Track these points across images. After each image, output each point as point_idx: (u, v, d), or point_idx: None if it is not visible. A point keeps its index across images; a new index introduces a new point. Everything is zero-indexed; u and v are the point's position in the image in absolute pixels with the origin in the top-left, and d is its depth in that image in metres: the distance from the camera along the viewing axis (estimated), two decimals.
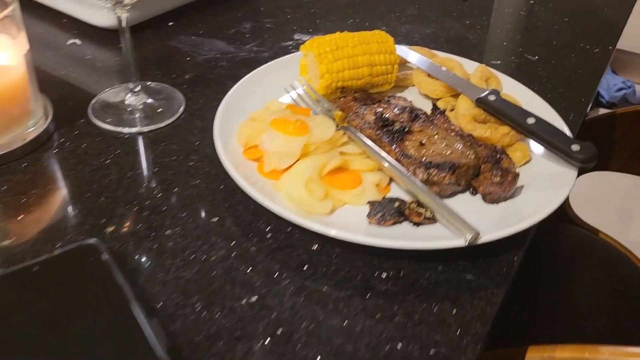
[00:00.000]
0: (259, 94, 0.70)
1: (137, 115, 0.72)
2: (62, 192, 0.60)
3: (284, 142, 0.58)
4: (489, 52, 0.94)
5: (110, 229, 0.55)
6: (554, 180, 0.60)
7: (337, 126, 0.62)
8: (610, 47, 0.96)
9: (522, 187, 0.60)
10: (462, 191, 0.60)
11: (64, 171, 0.63)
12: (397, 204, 0.55)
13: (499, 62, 0.90)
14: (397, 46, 0.73)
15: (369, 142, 0.61)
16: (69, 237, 0.54)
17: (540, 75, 0.87)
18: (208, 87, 0.78)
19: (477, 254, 0.54)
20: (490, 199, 0.58)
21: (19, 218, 0.56)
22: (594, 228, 1.04)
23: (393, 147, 0.60)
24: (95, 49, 0.87)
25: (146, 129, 0.70)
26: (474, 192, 0.59)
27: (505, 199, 0.58)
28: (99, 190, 0.60)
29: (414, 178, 0.57)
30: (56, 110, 0.69)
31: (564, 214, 1.04)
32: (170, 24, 0.95)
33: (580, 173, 0.60)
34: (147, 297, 0.47)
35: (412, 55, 0.77)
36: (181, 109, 0.74)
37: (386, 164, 0.58)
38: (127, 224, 0.56)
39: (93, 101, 0.74)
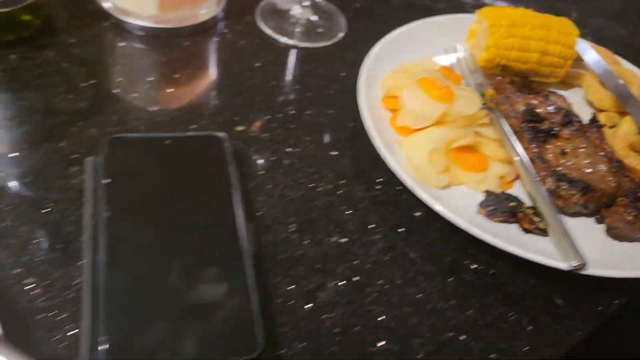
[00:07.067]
0: (417, 46, 0.69)
1: (298, 29, 0.74)
2: (209, 80, 0.65)
3: (424, 103, 0.57)
4: None
5: (239, 128, 0.58)
6: None
7: (482, 104, 0.60)
8: None
9: None
10: (587, 215, 0.56)
11: (217, 61, 0.67)
12: (512, 204, 0.53)
13: None
14: (578, 40, 0.68)
15: (508, 131, 0.58)
16: (203, 123, 0.58)
17: None
18: (373, 21, 0.77)
19: (576, 282, 0.51)
20: (615, 234, 0.54)
21: (167, 91, 0.62)
22: None
23: (532, 145, 0.57)
24: None
25: (302, 44, 0.71)
26: (600, 220, 0.55)
27: (631, 240, 0.54)
28: (240, 89, 0.64)
29: (540, 185, 0.54)
30: (229, 1, 0.73)
31: None
32: None
33: None
34: (250, 202, 0.49)
35: (590, 55, 0.70)
36: (341, 35, 0.74)
37: (517, 159, 0.56)
38: (255, 129, 0.59)
39: (263, 3, 0.76)
